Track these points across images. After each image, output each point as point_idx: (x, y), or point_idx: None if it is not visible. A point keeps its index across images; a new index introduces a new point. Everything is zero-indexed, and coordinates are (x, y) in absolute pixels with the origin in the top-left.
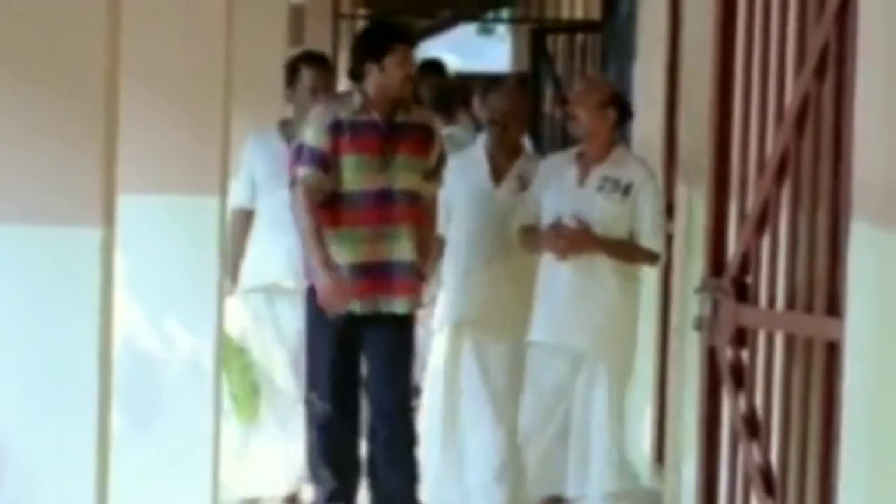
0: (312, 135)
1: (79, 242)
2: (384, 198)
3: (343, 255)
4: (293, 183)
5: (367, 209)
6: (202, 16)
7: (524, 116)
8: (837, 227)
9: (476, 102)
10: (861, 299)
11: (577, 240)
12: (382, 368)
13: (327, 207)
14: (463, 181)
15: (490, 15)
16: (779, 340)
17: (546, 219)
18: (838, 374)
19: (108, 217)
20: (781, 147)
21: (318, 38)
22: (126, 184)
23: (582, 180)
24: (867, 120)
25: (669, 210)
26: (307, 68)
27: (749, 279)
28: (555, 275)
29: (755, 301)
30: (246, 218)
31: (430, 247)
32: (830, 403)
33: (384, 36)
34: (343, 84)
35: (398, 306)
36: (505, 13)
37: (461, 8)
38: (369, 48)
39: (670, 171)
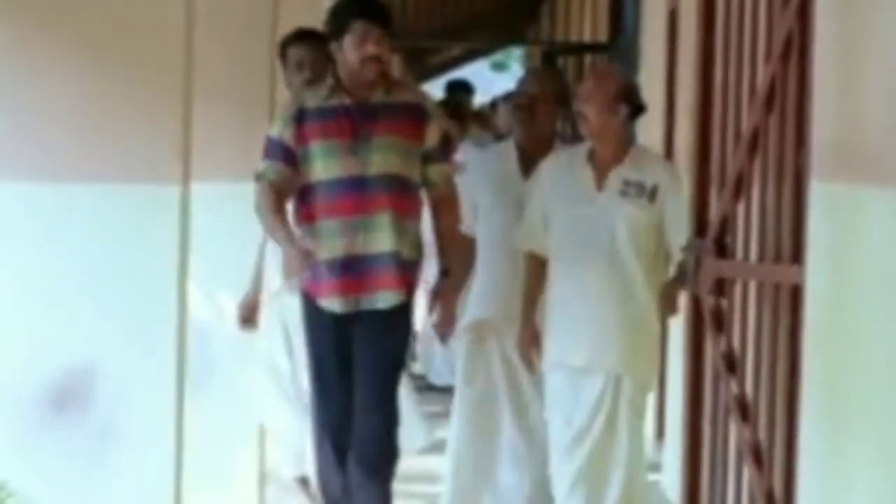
0: (276, 126)
1: (160, 198)
2: (357, 186)
3: (322, 251)
4: (256, 177)
5: (339, 199)
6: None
7: (555, 100)
8: (800, 190)
9: (500, 109)
10: (818, 246)
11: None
12: (366, 384)
13: (302, 201)
14: (486, 175)
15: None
16: (752, 288)
17: (560, 230)
18: (801, 313)
19: (186, 176)
20: (753, 124)
21: None
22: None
23: (600, 185)
24: (822, 97)
25: None
26: (293, 45)
27: (727, 238)
28: (578, 290)
29: (732, 256)
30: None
31: (454, 238)
32: (795, 340)
33: (343, 12)
34: None
35: (381, 301)
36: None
37: (475, 41)
38: (331, 26)
39: None
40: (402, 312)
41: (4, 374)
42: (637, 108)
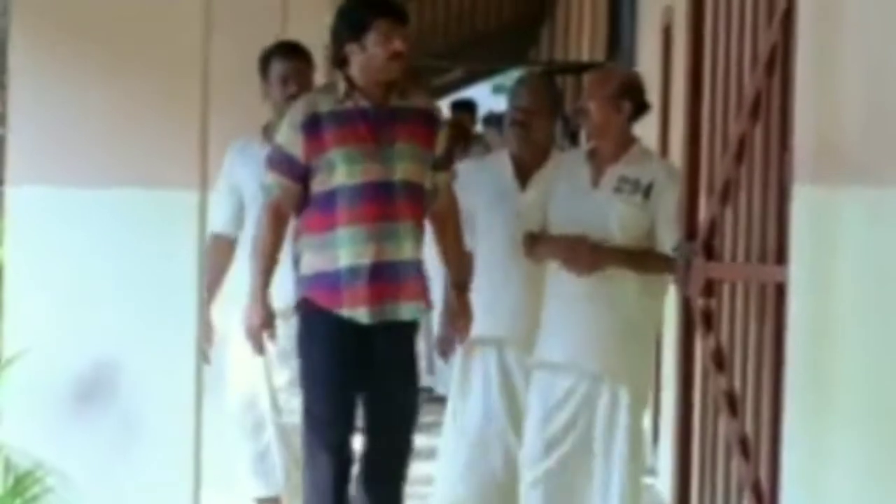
0: (284, 134)
1: (179, 202)
2: (383, 191)
3: (343, 258)
4: (263, 190)
5: (367, 204)
6: (181, 3)
7: (549, 113)
8: (784, 195)
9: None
10: (800, 247)
11: (591, 261)
12: (389, 400)
13: (321, 207)
14: (483, 188)
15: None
16: (739, 289)
17: (556, 224)
18: (785, 311)
19: (204, 181)
20: (740, 132)
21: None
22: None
23: (596, 181)
24: (804, 105)
25: None
26: (277, 58)
27: (716, 241)
28: (570, 289)
29: (720, 258)
30: (225, 247)
31: (459, 250)
32: (780, 337)
33: (363, 10)
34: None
35: (405, 312)
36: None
37: (477, 62)
38: (347, 27)
39: None
40: (416, 328)
41: (37, 367)
42: (640, 106)
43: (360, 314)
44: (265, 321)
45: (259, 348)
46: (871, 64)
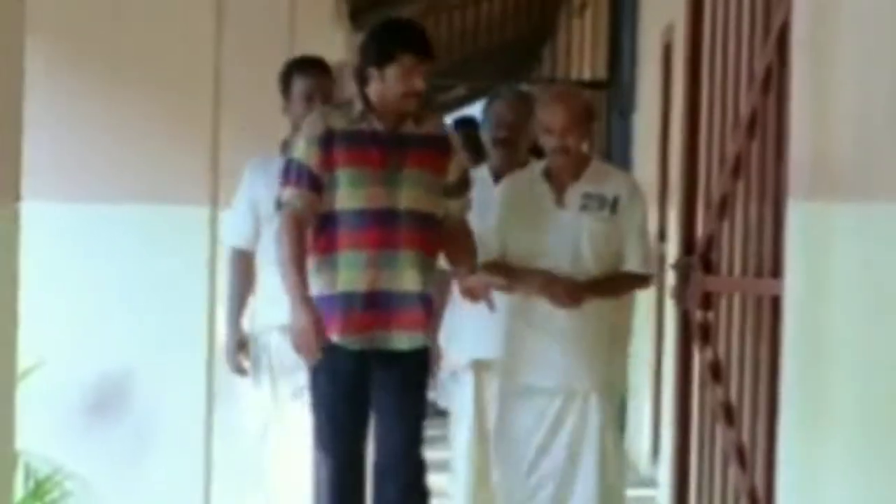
0: (301, 148)
1: (190, 218)
2: (385, 219)
3: (339, 284)
4: (279, 206)
5: (365, 231)
6: (192, 23)
7: (529, 130)
8: (780, 210)
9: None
10: (795, 260)
11: (573, 296)
12: (391, 434)
13: (321, 228)
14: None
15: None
16: (736, 302)
17: (521, 246)
18: (780, 323)
19: (214, 197)
20: (736, 149)
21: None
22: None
23: (560, 200)
24: (798, 122)
25: (662, 234)
26: (300, 74)
27: (713, 255)
28: (544, 316)
29: (718, 272)
30: (245, 261)
31: (470, 257)
32: (775, 348)
33: (389, 40)
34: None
35: (397, 342)
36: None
37: (479, 80)
38: (373, 51)
39: (663, 200)
40: (425, 354)
41: (55, 377)
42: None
43: (351, 341)
44: (316, 323)
45: (312, 352)
46: (861, 83)
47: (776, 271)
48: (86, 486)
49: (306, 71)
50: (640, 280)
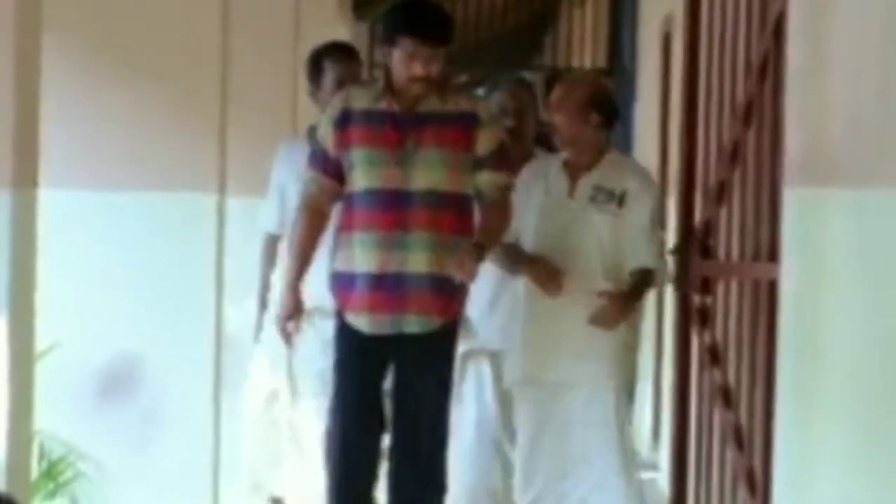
0: (321, 130)
1: (198, 205)
2: (397, 200)
3: (355, 262)
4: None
5: (378, 212)
6: (199, 15)
7: (533, 115)
8: (776, 196)
9: None
10: (791, 244)
11: (623, 313)
12: (406, 423)
13: (344, 207)
14: None
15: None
16: (734, 286)
17: (531, 234)
18: (777, 306)
19: (222, 185)
20: (733, 136)
21: None
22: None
23: (571, 191)
24: (794, 109)
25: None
26: (331, 61)
27: (711, 240)
28: (553, 308)
29: (716, 257)
30: (273, 245)
31: (495, 232)
32: (772, 331)
33: (393, 22)
34: None
35: (411, 325)
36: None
37: (481, 69)
38: (385, 29)
39: (663, 187)
40: (444, 338)
41: (68, 360)
42: (611, 116)
43: (362, 322)
44: (292, 312)
45: (287, 338)
46: (855, 72)
47: (773, 256)
48: (98, 468)
49: (336, 57)
50: (654, 280)
